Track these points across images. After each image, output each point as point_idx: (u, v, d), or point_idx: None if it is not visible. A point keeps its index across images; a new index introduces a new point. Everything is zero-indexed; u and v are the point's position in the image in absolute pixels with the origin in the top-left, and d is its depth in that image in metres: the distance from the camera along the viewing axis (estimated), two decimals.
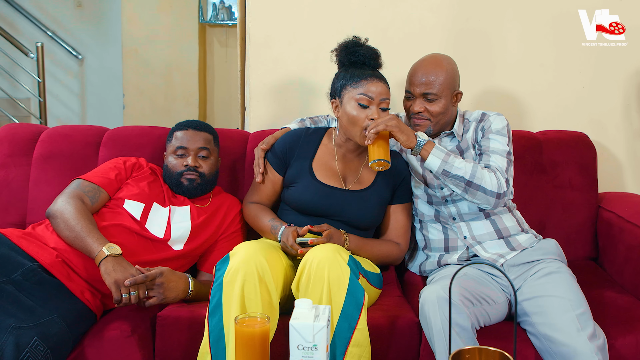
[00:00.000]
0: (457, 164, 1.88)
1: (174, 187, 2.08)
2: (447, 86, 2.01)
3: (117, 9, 4.95)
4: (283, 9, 2.49)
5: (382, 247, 2.04)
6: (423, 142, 1.89)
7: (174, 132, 2.12)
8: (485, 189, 1.88)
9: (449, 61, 2.05)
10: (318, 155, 2.06)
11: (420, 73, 2.02)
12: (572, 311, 1.69)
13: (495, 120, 2.04)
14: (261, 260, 1.71)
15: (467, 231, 2.04)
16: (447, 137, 2.09)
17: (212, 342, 1.66)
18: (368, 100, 1.90)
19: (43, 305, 1.65)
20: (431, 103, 2.00)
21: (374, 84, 1.91)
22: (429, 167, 1.91)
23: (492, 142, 2.00)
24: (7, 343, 1.52)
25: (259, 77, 2.52)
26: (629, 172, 2.59)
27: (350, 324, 1.66)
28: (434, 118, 2.02)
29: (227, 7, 5.00)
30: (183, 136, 2.09)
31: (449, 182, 1.91)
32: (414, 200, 2.12)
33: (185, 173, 2.06)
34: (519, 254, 1.98)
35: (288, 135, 2.10)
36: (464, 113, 2.13)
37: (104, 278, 1.73)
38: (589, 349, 1.62)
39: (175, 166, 2.07)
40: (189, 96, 4.97)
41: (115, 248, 1.77)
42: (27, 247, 1.81)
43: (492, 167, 1.93)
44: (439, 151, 1.89)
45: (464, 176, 1.87)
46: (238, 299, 1.66)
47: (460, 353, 1.30)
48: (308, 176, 2.03)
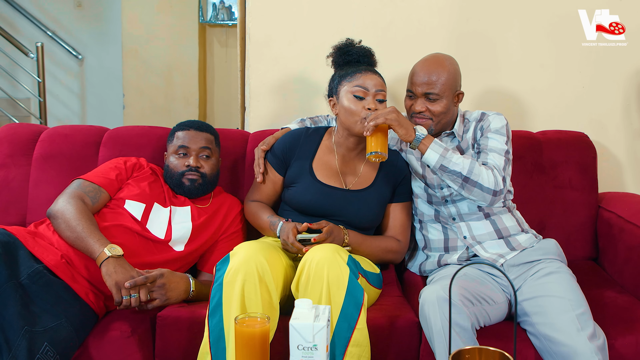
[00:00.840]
0: (454, 159, 1.88)
1: (175, 187, 2.08)
2: (449, 86, 2.01)
3: (117, 9, 4.96)
4: (283, 9, 2.49)
5: (381, 242, 2.04)
6: (422, 136, 1.89)
7: (175, 132, 2.12)
8: (482, 186, 1.88)
9: (451, 61, 2.05)
10: (318, 155, 2.07)
11: (422, 73, 2.01)
12: (572, 311, 1.69)
13: (494, 119, 2.04)
14: (261, 260, 1.71)
15: (467, 231, 2.04)
16: (448, 137, 2.09)
17: (212, 342, 1.66)
18: (363, 92, 1.94)
19: (50, 309, 1.65)
20: (433, 103, 2.00)
21: (369, 76, 1.96)
22: (426, 161, 1.91)
23: (490, 140, 2.00)
24: (20, 347, 1.52)
25: (259, 77, 2.52)
26: (629, 172, 2.59)
27: (350, 323, 1.66)
28: (436, 118, 2.02)
29: (227, 7, 5.00)
30: (185, 136, 2.09)
31: (446, 178, 1.91)
32: (414, 200, 2.12)
33: (186, 173, 2.06)
34: (519, 254, 1.98)
35: (288, 136, 2.11)
36: (464, 113, 2.13)
37: (105, 279, 1.73)
38: (589, 349, 1.62)
39: (177, 166, 2.07)
40: (189, 96, 4.97)
41: (116, 249, 1.77)
42: (32, 247, 1.81)
43: (490, 164, 1.93)
44: (438, 146, 1.89)
45: (461, 172, 1.87)
46: (238, 299, 1.66)
47: (460, 353, 1.30)
48: (308, 176, 2.04)
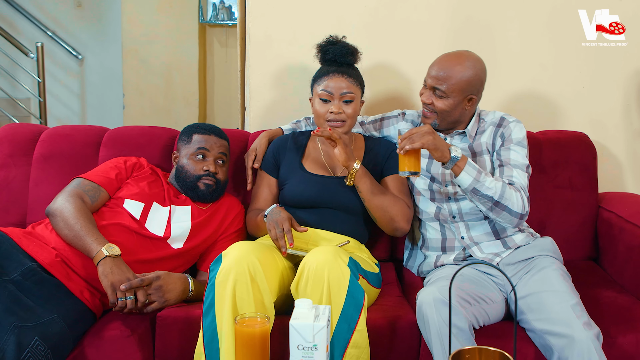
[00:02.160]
0: (487, 183, 1.86)
1: (189, 190, 2.07)
2: (459, 87, 1.95)
3: (117, 9, 4.95)
4: (283, 9, 2.49)
5: (388, 192, 2.04)
6: (457, 158, 1.84)
7: (193, 134, 2.10)
8: (511, 210, 1.87)
9: (473, 63, 1.98)
10: (307, 152, 2.15)
11: (437, 66, 1.98)
12: (565, 302, 1.71)
13: (515, 128, 2.01)
14: (253, 260, 1.71)
15: (465, 231, 2.03)
16: (459, 136, 2.07)
17: (206, 342, 1.66)
18: (328, 95, 2.01)
19: (43, 305, 1.65)
20: (438, 98, 1.98)
21: (334, 79, 2.01)
22: (459, 182, 1.88)
23: (512, 153, 1.97)
24: (8, 342, 1.52)
25: (259, 77, 2.52)
26: (629, 172, 2.59)
27: (350, 325, 1.66)
28: (440, 115, 1.99)
29: (227, 7, 5.00)
30: (205, 141, 2.08)
31: (475, 200, 1.89)
32: (415, 197, 2.12)
33: (203, 177, 2.05)
34: (514, 251, 1.99)
35: (277, 139, 2.21)
36: (480, 112, 2.09)
37: (101, 279, 1.73)
38: (586, 336, 1.62)
39: (195, 170, 2.05)
40: (189, 96, 4.97)
41: (114, 249, 1.77)
42: (27, 246, 1.81)
43: (517, 184, 1.91)
44: (471, 168, 1.86)
45: (493, 196, 1.86)
46: (230, 299, 1.67)
47: (460, 353, 1.30)
48: (299, 171, 2.09)
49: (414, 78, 2.49)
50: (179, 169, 2.09)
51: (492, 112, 2.09)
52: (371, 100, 2.49)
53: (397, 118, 2.21)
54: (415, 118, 2.19)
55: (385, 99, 2.52)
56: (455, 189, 2.03)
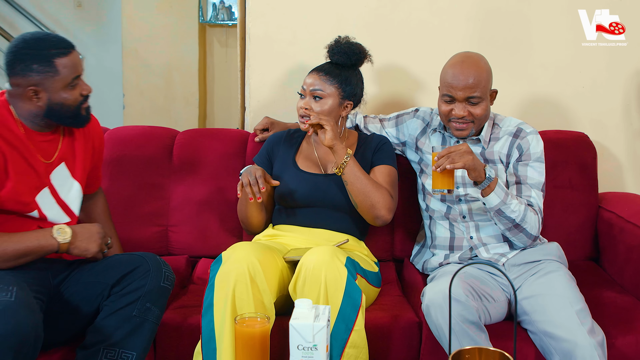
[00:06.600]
0: (512, 206, 1.86)
1: (67, 120, 1.79)
2: (488, 86, 1.96)
3: (117, 9, 4.95)
4: (283, 9, 2.49)
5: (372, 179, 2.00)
6: (491, 179, 1.84)
7: (54, 60, 1.77)
8: (528, 233, 1.91)
9: (484, 60, 1.99)
10: (301, 149, 2.16)
11: (462, 76, 1.92)
12: (570, 307, 1.70)
13: (533, 141, 1.99)
14: (253, 261, 1.71)
15: (474, 231, 2.03)
16: (473, 143, 2.04)
17: (204, 342, 1.67)
18: (302, 91, 2.07)
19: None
20: (474, 106, 1.94)
21: (310, 76, 2.06)
22: (486, 201, 1.88)
23: (530, 170, 1.97)
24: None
25: (259, 77, 2.52)
26: (629, 172, 2.59)
27: (347, 325, 1.66)
28: (477, 121, 1.97)
29: (227, 7, 4.99)
30: (73, 63, 1.83)
31: (497, 219, 1.90)
32: (426, 197, 2.11)
33: (83, 103, 1.80)
34: (520, 252, 1.98)
35: (272, 136, 2.22)
36: (495, 117, 2.07)
37: (84, 255, 1.73)
38: (589, 343, 1.62)
39: (76, 99, 1.77)
40: (189, 96, 4.97)
41: (61, 229, 1.70)
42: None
43: (535, 207, 1.92)
44: (500, 190, 1.85)
45: (515, 219, 1.87)
46: (229, 300, 1.67)
47: (460, 353, 1.31)
48: (292, 168, 2.09)
49: (419, 78, 2.49)
50: (53, 106, 1.74)
51: (508, 119, 2.07)
52: (375, 100, 2.49)
53: (410, 115, 2.22)
54: (427, 116, 2.18)
55: (389, 99, 2.52)
56: (465, 190, 2.02)
